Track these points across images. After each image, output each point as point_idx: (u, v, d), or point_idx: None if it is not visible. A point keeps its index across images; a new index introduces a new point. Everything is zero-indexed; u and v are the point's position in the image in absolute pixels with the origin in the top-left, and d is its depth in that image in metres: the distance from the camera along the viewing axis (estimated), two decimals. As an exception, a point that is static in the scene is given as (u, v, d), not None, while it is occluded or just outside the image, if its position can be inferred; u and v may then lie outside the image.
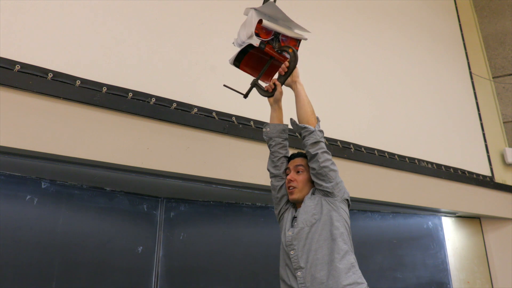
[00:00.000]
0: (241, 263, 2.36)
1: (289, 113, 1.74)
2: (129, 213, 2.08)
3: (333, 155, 2.66)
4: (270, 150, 1.69)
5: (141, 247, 2.06)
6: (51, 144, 1.67)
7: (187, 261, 2.19)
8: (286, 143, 1.69)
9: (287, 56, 1.63)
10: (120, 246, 2.01)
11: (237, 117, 2.23)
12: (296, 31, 1.67)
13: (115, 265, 1.97)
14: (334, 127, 2.72)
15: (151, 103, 1.96)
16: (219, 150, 2.14)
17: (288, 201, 1.64)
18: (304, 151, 1.61)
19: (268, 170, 1.69)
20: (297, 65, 1.63)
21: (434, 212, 3.61)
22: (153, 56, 2.09)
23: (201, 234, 2.27)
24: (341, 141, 2.70)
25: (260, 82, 1.72)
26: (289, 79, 1.65)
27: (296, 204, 1.62)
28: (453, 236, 3.86)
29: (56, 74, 1.72)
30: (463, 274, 3.74)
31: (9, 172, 1.78)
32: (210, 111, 2.15)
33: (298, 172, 1.62)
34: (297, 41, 1.67)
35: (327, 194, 1.52)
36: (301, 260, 1.44)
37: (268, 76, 1.74)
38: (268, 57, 1.67)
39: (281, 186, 1.65)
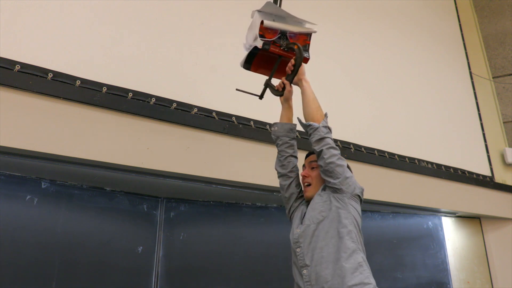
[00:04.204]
0: (241, 263, 2.36)
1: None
2: (129, 213, 2.08)
3: (333, 155, 2.71)
4: (278, 149, 1.67)
5: (141, 247, 2.06)
6: (51, 144, 1.67)
7: (187, 261, 2.19)
8: (294, 142, 1.67)
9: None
10: (120, 246, 2.01)
11: (237, 117, 2.23)
12: (305, 25, 1.65)
13: (115, 265, 1.97)
14: (334, 127, 2.66)
15: (151, 103, 1.96)
16: (219, 150, 2.14)
17: (297, 198, 1.64)
18: None
19: (276, 169, 1.69)
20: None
21: (434, 212, 3.61)
22: (153, 56, 2.09)
23: (201, 234, 2.27)
24: (341, 141, 2.70)
25: (274, 81, 1.70)
26: (296, 77, 1.63)
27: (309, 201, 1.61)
28: (453, 236, 3.86)
29: (56, 74, 1.72)
30: (463, 274, 3.74)
31: (9, 172, 1.77)
32: (210, 111, 2.15)
33: (312, 168, 1.61)
34: (307, 36, 1.64)
35: (335, 190, 1.47)
36: (306, 258, 1.42)
37: (282, 74, 1.70)
38: (277, 56, 1.65)
39: (289, 185, 1.64)
